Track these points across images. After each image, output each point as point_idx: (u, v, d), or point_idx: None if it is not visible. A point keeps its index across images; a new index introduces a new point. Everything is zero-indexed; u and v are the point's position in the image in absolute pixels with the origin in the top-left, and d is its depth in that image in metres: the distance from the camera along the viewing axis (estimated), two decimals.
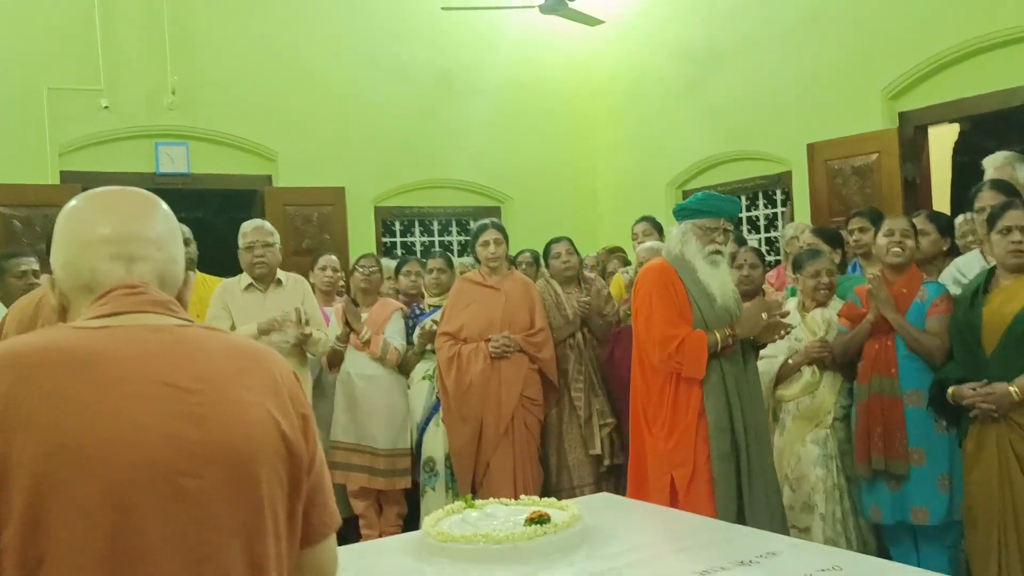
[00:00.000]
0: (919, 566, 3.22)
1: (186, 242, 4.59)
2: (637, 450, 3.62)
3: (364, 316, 4.84)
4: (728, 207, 3.60)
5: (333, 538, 1.34)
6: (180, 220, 3.91)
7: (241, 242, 4.34)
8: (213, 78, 6.76)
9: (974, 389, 3.24)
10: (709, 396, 3.40)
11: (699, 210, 3.54)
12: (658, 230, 5.45)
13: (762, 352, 4.05)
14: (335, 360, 4.84)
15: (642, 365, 3.56)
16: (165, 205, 1.37)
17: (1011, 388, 3.15)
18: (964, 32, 5.44)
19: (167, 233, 1.33)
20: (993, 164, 4.38)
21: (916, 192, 5.86)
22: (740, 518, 3.28)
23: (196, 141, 6.73)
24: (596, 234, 7.97)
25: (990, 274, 3.41)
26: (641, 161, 7.86)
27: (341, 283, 5.41)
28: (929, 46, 5.63)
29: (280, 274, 4.38)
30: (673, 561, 2.23)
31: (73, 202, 1.31)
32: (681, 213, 3.62)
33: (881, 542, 3.79)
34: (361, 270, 4.99)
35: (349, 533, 4.70)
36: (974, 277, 3.54)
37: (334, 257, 5.29)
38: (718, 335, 3.41)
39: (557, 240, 4.89)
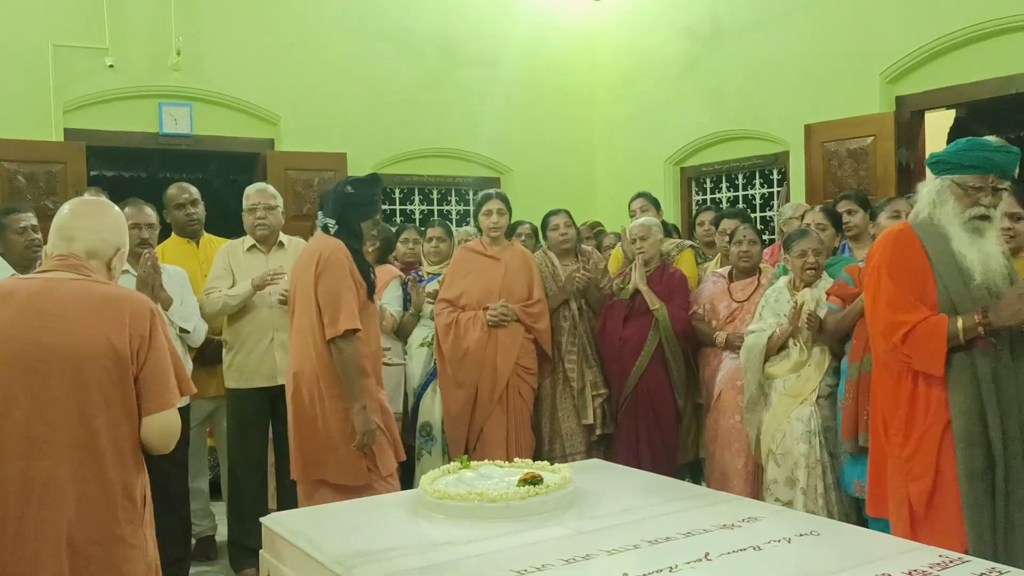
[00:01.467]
0: None
1: (194, 203, 4.67)
2: (875, 456, 3.00)
3: None
4: (1002, 159, 2.80)
5: (165, 414, 2.21)
6: (182, 180, 4.05)
7: (245, 204, 4.41)
8: (218, 40, 6.77)
9: None
10: (955, 397, 2.71)
11: (960, 164, 2.82)
12: (655, 205, 5.52)
13: (751, 327, 4.14)
14: None
15: (877, 353, 2.97)
16: (114, 209, 2.40)
17: None
18: (962, 19, 5.48)
19: (99, 224, 2.31)
20: None
21: (910, 176, 5.93)
22: (995, 551, 2.63)
23: (200, 103, 6.75)
24: (594, 208, 8.03)
25: None
26: (640, 137, 7.90)
27: None
28: (928, 31, 5.68)
29: (282, 237, 4.46)
30: (659, 523, 2.33)
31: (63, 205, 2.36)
32: (937, 166, 2.89)
33: (861, 515, 3.91)
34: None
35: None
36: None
37: None
38: (963, 322, 2.69)
39: (555, 212, 4.94)
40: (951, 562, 1.98)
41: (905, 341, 2.72)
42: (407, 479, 4.80)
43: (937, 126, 6.47)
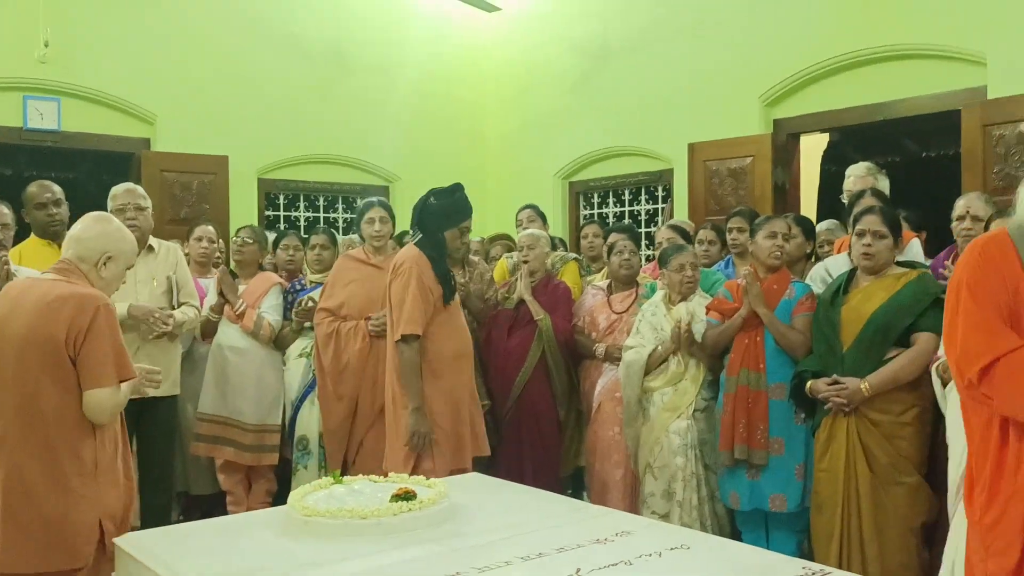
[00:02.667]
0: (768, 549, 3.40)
1: (57, 203, 4.39)
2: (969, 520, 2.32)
3: (242, 288, 4.75)
4: None
5: (97, 392, 2.61)
6: (48, 179, 4.13)
7: (111, 205, 4.16)
8: (90, 32, 6.44)
9: (830, 383, 3.46)
10: None
11: None
12: (542, 218, 5.55)
13: (628, 342, 4.19)
14: (208, 331, 4.73)
15: (959, 389, 2.26)
16: (112, 222, 2.89)
17: (862, 384, 3.37)
18: (835, 48, 5.74)
19: (85, 233, 2.81)
20: (855, 173, 4.68)
21: (786, 196, 6.16)
22: None
23: (69, 97, 6.40)
24: (484, 219, 7.97)
25: (851, 275, 3.63)
26: (530, 150, 7.95)
27: (218, 254, 5.28)
28: (803, 58, 5.92)
29: (152, 240, 4.24)
30: (533, 538, 2.29)
31: None
32: None
33: (735, 527, 3.99)
34: (240, 243, 4.90)
35: (216, 509, 4.62)
36: (836, 277, 3.77)
37: (211, 227, 5.15)
38: None
39: None
40: (814, 574, 2.02)
41: (985, 377, 2.05)
42: (283, 494, 4.65)
43: (812, 149, 6.75)
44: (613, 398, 4.32)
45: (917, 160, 8.09)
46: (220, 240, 5.27)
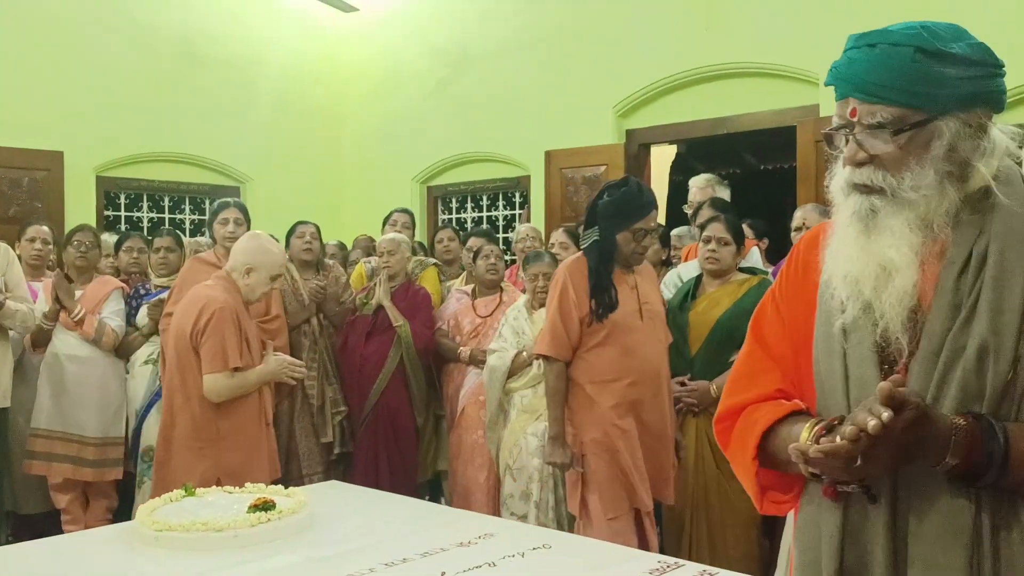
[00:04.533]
0: None
1: None
2: None
3: (79, 293, 4.46)
4: None
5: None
6: None
7: None
8: None
9: (681, 385, 3.61)
10: None
11: None
12: (412, 223, 5.51)
13: (491, 346, 4.23)
14: (41, 340, 4.42)
15: None
16: (254, 238, 3.52)
17: (711, 386, 3.55)
18: (684, 63, 6.01)
19: (237, 247, 3.52)
20: (697, 184, 4.92)
21: None
22: None
23: None
24: (341, 221, 7.88)
25: (698, 280, 3.81)
26: (389, 154, 7.88)
27: (52, 257, 4.94)
28: (653, 72, 6.16)
29: None
30: (396, 544, 2.27)
31: None
32: None
33: None
34: (76, 245, 4.59)
35: (49, 529, 4.32)
36: (684, 283, 3.94)
37: (45, 228, 4.80)
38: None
39: (304, 222, 4.82)
40: (668, 567, 2.10)
41: None
42: (124, 510, 4.41)
43: (661, 159, 7.03)
44: (477, 402, 4.35)
45: (756, 172, 8.61)
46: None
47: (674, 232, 5.00)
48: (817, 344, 1.41)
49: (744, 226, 4.05)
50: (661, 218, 6.85)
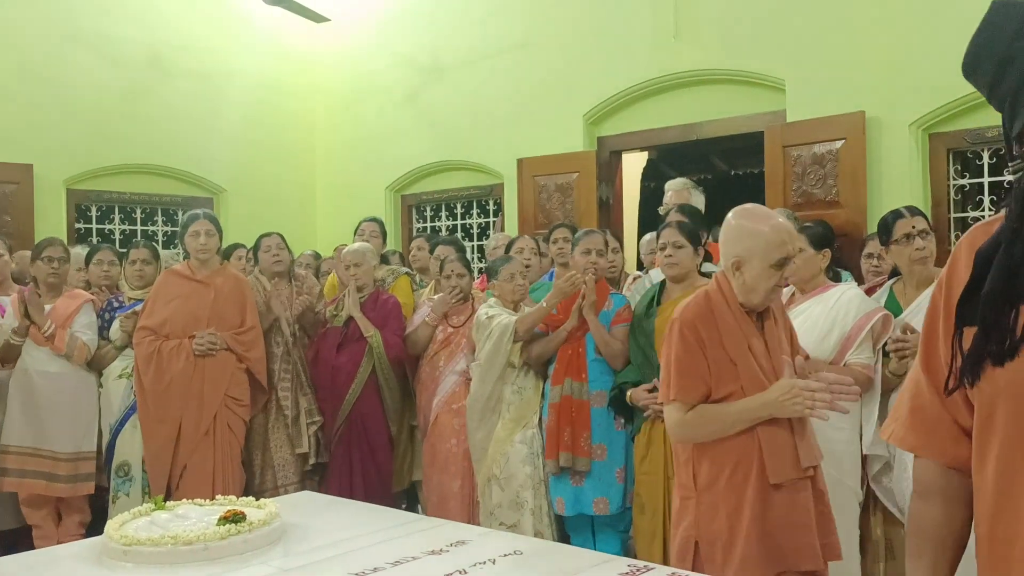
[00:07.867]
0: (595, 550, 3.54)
1: None
2: None
3: (48, 307, 4.43)
4: None
5: None
6: None
7: None
8: None
9: (649, 390, 3.63)
10: None
11: None
12: (382, 232, 5.51)
13: (476, 335, 4.21)
14: (9, 356, 4.38)
15: None
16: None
17: None
18: (653, 70, 6.05)
19: None
20: (673, 188, 4.96)
21: (610, 211, 6.43)
22: None
23: None
24: (314, 232, 7.88)
25: (663, 286, 3.84)
26: (361, 163, 7.88)
27: (13, 266, 4.89)
28: (623, 79, 6.20)
29: None
30: (368, 553, 2.28)
31: None
32: None
33: (564, 532, 4.11)
34: (47, 260, 4.53)
35: (20, 545, 4.27)
36: (648, 289, 3.97)
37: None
38: None
39: (268, 235, 4.82)
40: (639, 570, 2.12)
41: None
42: (98, 524, 4.38)
43: (632, 166, 7.08)
44: (450, 410, 4.35)
45: (726, 177, 8.69)
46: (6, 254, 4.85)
47: (644, 239, 5.04)
48: None
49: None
50: (632, 224, 6.95)
